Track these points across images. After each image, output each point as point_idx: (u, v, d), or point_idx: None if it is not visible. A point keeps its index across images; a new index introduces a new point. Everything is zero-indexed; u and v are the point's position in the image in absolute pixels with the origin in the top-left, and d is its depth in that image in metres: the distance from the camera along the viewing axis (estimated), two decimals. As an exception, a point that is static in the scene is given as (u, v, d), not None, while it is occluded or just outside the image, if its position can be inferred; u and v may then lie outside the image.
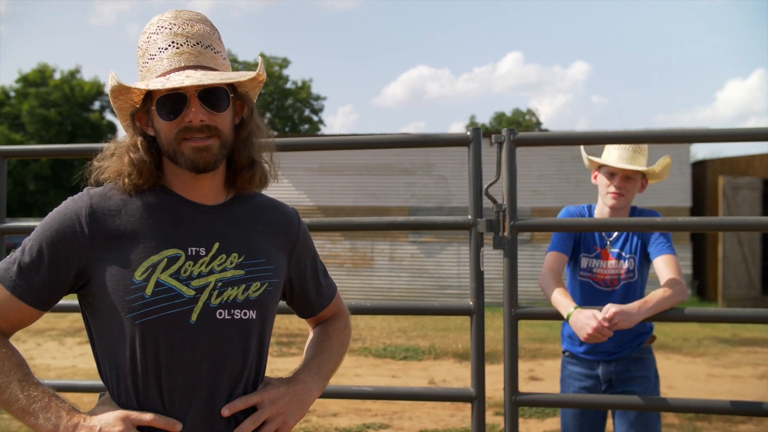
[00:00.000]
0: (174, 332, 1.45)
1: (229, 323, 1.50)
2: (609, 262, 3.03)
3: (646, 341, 3.07)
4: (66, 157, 3.27)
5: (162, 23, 1.52)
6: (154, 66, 1.50)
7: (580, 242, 3.08)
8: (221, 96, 1.51)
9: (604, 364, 3.06)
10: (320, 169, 15.71)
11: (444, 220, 2.90)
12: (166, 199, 1.54)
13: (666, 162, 3.05)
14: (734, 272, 14.69)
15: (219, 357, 1.49)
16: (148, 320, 1.44)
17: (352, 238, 15.72)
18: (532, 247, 14.18)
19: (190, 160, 1.48)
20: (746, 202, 14.72)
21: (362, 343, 10.06)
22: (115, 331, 1.46)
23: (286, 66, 42.45)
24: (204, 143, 1.48)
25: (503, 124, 49.22)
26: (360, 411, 6.40)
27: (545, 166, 14.81)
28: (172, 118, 1.48)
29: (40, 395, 1.42)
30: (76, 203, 1.50)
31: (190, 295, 1.47)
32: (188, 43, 1.50)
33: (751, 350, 9.71)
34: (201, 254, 1.51)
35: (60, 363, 8.56)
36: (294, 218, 1.75)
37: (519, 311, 2.73)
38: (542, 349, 9.49)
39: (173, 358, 1.45)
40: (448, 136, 3.01)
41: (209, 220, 1.56)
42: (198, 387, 1.47)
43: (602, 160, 3.03)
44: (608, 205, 3.03)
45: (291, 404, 1.57)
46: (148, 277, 1.45)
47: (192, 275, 1.48)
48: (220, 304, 1.50)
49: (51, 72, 35.17)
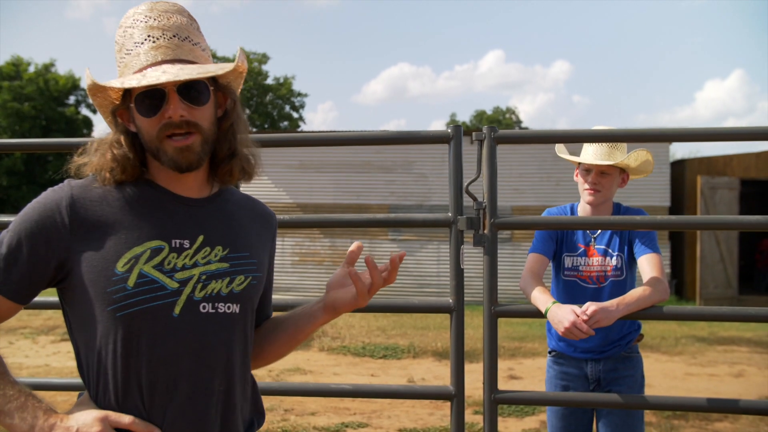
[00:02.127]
0: (156, 325, 1.41)
1: (212, 317, 1.47)
2: (594, 258, 3.02)
3: (634, 339, 3.08)
4: (40, 151, 3.19)
5: (137, 16, 1.48)
6: (130, 61, 1.46)
7: (563, 243, 3.07)
8: (201, 89, 1.47)
9: (593, 363, 3.05)
10: (300, 166, 15.65)
11: (424, 217, 2.88)
12: (149, 191, 1.51)
13: (643, 157, 3.03)
14: (712, 271, 14.85)
15: (202, 351, 1.45)
16: (129, 312, 1.39)
17: (331, 236, 15.69)
18: (512, 246, 14.23)
19: (173, 161, 1.45)
20: (724, 202, 14.89)
21: (341, 341, 10.03)
22: (94, 325, 1.42)
23: (265, 62, 42.22)
24: (186, 142, 1.44)
25: (484, 123, 49.40)
26: (338, 410, 6.37)
27: (526, 165, 14.87)
28: (152, 115, 1.44)
29: (16, 394, 1.37)
30: (57, 193, 1.46)
31: (173, 288, 1.43)
32: (164, 36, 1.46)
33: (727, 349, 9.81)
34: (185, 246, 1.48)
35: (33, 361, 8.44)
36: (273, 219, 1.75)
37: (498, 309, 2.72)
38: (521, 348, 9.52)
39: (155, 352, 1.41)
40: (429, 133, 2.98)
41: (194, 212, 1.53)
42: (179, 382, 1.43)
43: (576, 158, 3.05)
44: (586, 201, 3.04)
45: None
46: (130, 268, 1.41)
47: (176, 267, 1.45)
48: (204, 297, 1.47)
49: (25, 65, 34.67)
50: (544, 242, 3.04)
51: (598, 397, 2.87)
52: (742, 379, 7.87)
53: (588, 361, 3.06)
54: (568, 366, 3.09)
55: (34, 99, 33.07)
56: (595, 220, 2.91)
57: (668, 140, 3.67)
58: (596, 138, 2.95)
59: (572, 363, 3.09)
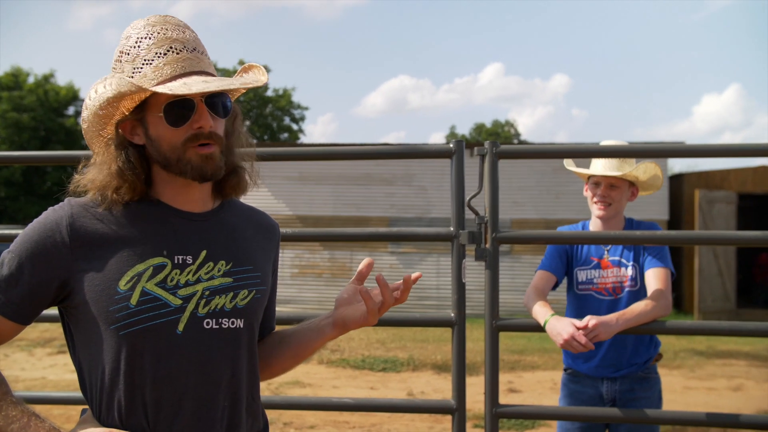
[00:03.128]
0: (160, 343, 1.41)
1: (217, 333, 1.47)
2: (609, 270, 2.98)
3: (653, 358, 3.01)
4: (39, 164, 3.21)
5: (151, 28, 1.47)
6: (151, 72, 1.43)
7: (573, 258, 3.05)
8: (226, 102, 1.50)
9: (609, 381, 2.98)
10: (299, 177, 15.68)
11: (426, 231, 2.89)
12: (150, 206, 1.50)
13: (652, 170, 3.01)
14: (710, 285, 14.85)
15: (206, 368, 1.45)
16: (132, 331, 1.39)
17: (330, 248, 15.68)
18: (511, 259, 14.24)
19: (198, 168, 1.45)
20: (722, 216, 14.91)
21: (340, 354, 10.01)
22: (98, 343, 1.41)
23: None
24: (210, 150, 1.46)
25: (483, 135, 49.47)
26: (338, 423, 6.36)
27: (525, 178, 14.91)
28: (181, 125, 1.44)
29: (18, 415, 1.36)
30: (57, 213, 1.45)
31: (176, 305, 1.43)
32: (186, 48, 1.46)
33: (726, 363, 9.80)
34: (188, 262, 1.47)
35: (29, 374, 8.41)
36: (277, 230, 1.74)
37: (500, 323, 2.73)
38: (521, 362, 9.51)
39: (159, 370, 1.41)
40: (431, 147, 3.00)
41: (196, 227, 1.52)
42: (184, 399, 1.42)
43: (586, 171, 3.04)
44: (596, 216, 3.03)
45: None
46: (133, 286, 1.40)
47: (179, 284, 1.44)
48: (208, 313, 1.46)
49: (25, 76, 34.72)
50: (552, 259, 3.03)
51: (602, 412, 2.87)
52: (740, 393, 7.86)
53: (604, 380, 2.99)
54: (584, 385, 3.03)
55: (33, 110, 33.06)
56: (597, 235, 2.91)
57: (669, 156, 3.70)
58: (599, 153, 2.97)
59: (587, 382, 3.02)
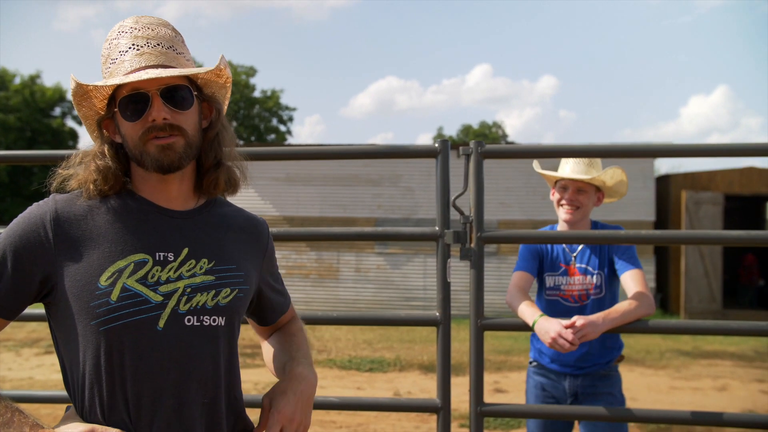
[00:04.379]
0: (140, 339, 1.41)
1: (197, 330, 1.47)
2: (575, 277, 3.05)
3: (615, 359, 3.10)
4: (25, 163, 3.19)
5: (123, 28, 1.51)
6: (115, 69, 1.48)
7: (544, 263, 3.11)
8: (185, 94, 1.49)
9: (571, 377, 3.08)
10: (286, 178, 15.65)
11: (411, 231, 2.89)
12: (133, 203, 1.52)
13: (618, 176, 3.07)
14: (696, 286, 14.95)
15: (187, 364, 1.45)
16: (113, 326, 1.39)
17: (317, 249, 15.66)
18: (498, 259, 14.27)
19: (156, 159, 1.46)
20: (708, 217, 15.01)
21: (327, 354, 10.00)
22: (79, 339, 1.42)
23: (252, 75, 42.24)
24: (168, 141, 1.46)
25: (470, 136, 49.54)
26: (324, 423, 6.35)
27: (512, 179, 14.94)
28: (136, 119, 1.46)
29: (2, 410, 1.37)
30: (41, 208, 1.46)
31: (157, 301, 1.43)
32: (149, 44, 1.49)
33: (711, 363, 9.86)
34: (169, 259, 1.48)
35: (16, 374, 8.36)
36: (264, 228, 1.74)
37: (485, 322, 2.73)
38: (507, 362, 9.53)
39: (140, 366, 1.41)
40: (417, 147, 3.01)
41: (178, 225, 1.53)
42: (164, 395, 1.43)
43: (556, 174, 3.08)
44: (563, 219, 3.07)
45: (304, 408, 1.56)
46: (113, 282, 1.41)
47: (160, 281, 1.45)
48: (189, 310, 1.46)
49: (11, 77, 34.53)
50: (528, 260, 3.09)
51: (585, 410, 2.88)
52: (725, 393, 7.92)
53: (567, 375, 3.09)
54: (547, 378, 3.14)
55: (19, 110, 32.88)
56: (584, 234, 2.92)
57: (654, 156, 3.71)
58: (582, 153, 2.98)
59: (551, 375, 3.13)
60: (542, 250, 3.12)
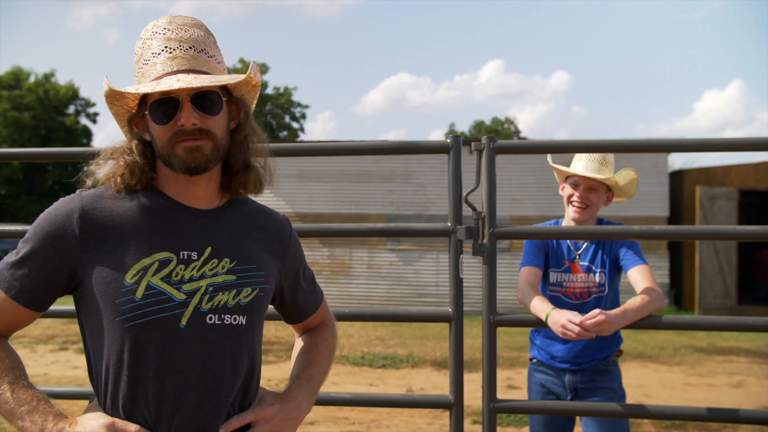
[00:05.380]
0: (163, 336, 1.44)
1: (219, 328, 1.50)
2: (578, 275, 3.05)
3: (613, 354, 3.11)
4: (40, 161, 3.21)
5: (156, 29, 1.53)
6: (147, 71, 1.50)
7: (548, 258, 3.10)
8: (214, 100, 1.51)
9: (570, 373, 3.11)
10: (299, 175, 15.67)
11: (423, 227, 2.89)
12: (159, 202, 1.54)
13: (631, 176, 3.05)
14: (710, 282, 14.85)
15: (208, 362, 1.48)
16: (137, 323, 1.43)
17: (330, 246, 15.69)
18: (511, 256, 14.23)
19: (183, 161, 1.48)
20: (723, 212, 14.90)
21: (340, 351, 10.02)
22: (104, 334, 1.45)
23: (265, 72, 42.35)
24: (196, 143, 1.48)
25: (482, 133, 49.45)
26: (337, 419, 6.36)
27: (525, 175, 14.89)
28: (165, 122, 1.48)
29: (28, 398, 1.44)
30: (68, 204, 1.49)
31: (180, 299, 1.46)
32: (181, 47, 1.50)
33: (726, 359, 9.80)
34: (193, 258, 1.50)
35: (31, 371, 8.37)
36: (286, 226, 1.77)
37: (497, 318, 2.73)
38: (520, 358, 9.50)
39: (162, 363, 1.44)
40: (428, 143, 3.00)
41: (202, 224, 1.55)
42: (185, 392, 1.46)
43: (569, 170, 3.05)
44: (571, 218, 3.05)
45: (284, 423, 1.58)
46: (138, 280, 1.44)
47: (183, 279, 1.48)
48: (211, 308, 1.49)
49: (25, 75, 34.77)
50: (535, 255, 3.07)
51: (595, 407, 2.88)
52: (741, 390, 7.87)
53: (566, 371, 3.12)
54: (547, 374, 3.17)
55: (33, 108, 33.13)
56: (595, 230, 2.91)
57: (667, 150, 3.69)
58: (594, 148, 2.96)
59: (551, 371, 3.16)
60: (548, 244, 3.11)
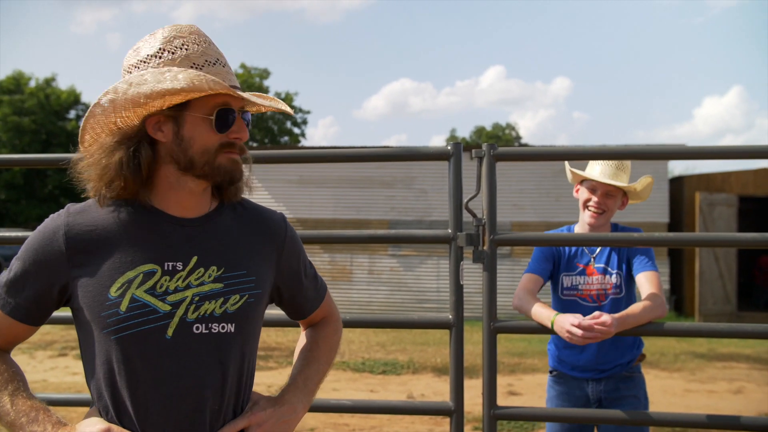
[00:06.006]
0: (149, 348, 1.45)
1: (206, 337, 1.50)
2: (594, 277, 3.02)
3: (636, 359, 3.06)
4: (40, 167, 3.22)
5: (201, 37, 1.53)
6: (216, 72, 1.49)
7: (560, 263, 3.06)
8: (250, 118, 1.60)
9: (594, 382, 3.04)
10: (299, 181, 15.69)
11: (424, 233, 2.89)
12: (143, 213, 1.53)
13: (647, 181, 3.05)
14: (710, 288, 14.84)
15: (197, 372, 1.48)
16: (123, 335, 1.44)
17: (330, 251, 15.69)
18: (511, 262, 14.24)
19: (228, 172, 1.52)
20: (722, 218, 14.91)
21: (340, 357, 10.01)
22: (93, 346, 1.49)
23: (266, 77, 42.42)
24: (239, 155, 1.56)
25: (483, 138, 49.44)
26: (338, 426, 6.35)
27: (525, 181, 14.90)
28: (224, 131, 1.51)
29: (27, 409, 1.46)
30: (54, 222, 1.52)
31: (165, 311, 1.47)
32: (227, 64, 1.56)
33: (726, 365, 9.79)
34: (178, 269, 1.50)
35: (30, 377, 8.37)
36: (280, 224, 1.74)
37: (498, 325, 2.73)
38: (521, 364, 9.50)
39: (149, 374, 1.45)
40: (429, 149, 3.01)
41: (188, 233, 1.54)
42: (174, 402, 1.46)
43: (586, 174, 3.03)
44: (587, 222, 3.03)
45: (277, 427, 1.59)
46: (123, 293, 1.45)
47: (168, 290, 1.48)
48: (197, 318, 1.49)
49: (26, 79, 34.81)
50: (540, 263, 3.05)
51: (598, 413, 2.88)
52: (741, 396, 7.85)
53: (589, 380, 3.04)
54: (569, 386, 3.08)
55: (34, 113, 33.13)
56: (595, 236, 2.92)
57: (669, 158, 3.69)
58: (596, 155, 2.97)
59: (573, 383, 3.08)
60: (558, 250, 3.07)
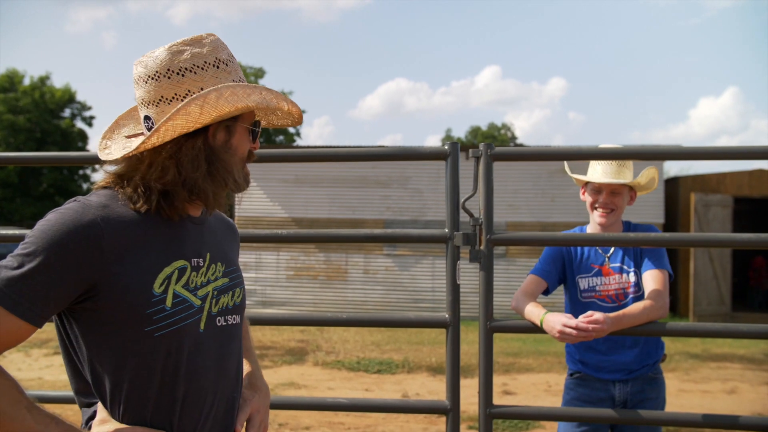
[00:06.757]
0: (189, 342, 1.49)
1: (225, 329, 1.58)
2: (611, 277, 2.98)
3: (660, 359, 3.02)
4: (35, 165, 3.21)
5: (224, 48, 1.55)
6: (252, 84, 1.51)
7: (572, 266, 3.03)
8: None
9: (621, 384, 2.98)
10: (295, 180, 15.67)
11: (421, 233, 2.90)
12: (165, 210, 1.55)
13: (651, 173, 3.02)
14: (705, 288, 14.89)
15: (221, 362, 1.55)
16: (168, 331, 1.45)
17: (326, 251, 15.68)
18: (506, 262, 14.25)
19: (246, 183, 1.60)
20: (717, 219, 14.95)
21: (336, 356, 10.01)
22: (125, 344, 1.42)
23: (261, 76, 42.31)
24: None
25: (478, 138, 49.43)
26: (333, 424, 6.36)
27: (521, 181, 14.90)
28: (254, 141, 1.61)
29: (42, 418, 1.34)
30: (83, 216, 1.39)
31: (198, 305, 1.52)
32: None
33: (720, 365, 9.82)
34: (200, 264, 1.56)
35: (26, 375, 8.40)
36: (237, 229, 1.87)
37: (494, 324, 2.74)
38: (516, 364, 9.52)
39: (188, 367, 1.49)
40: (426, 149, 3.01)
41: (200, 231, 1.61)
42: (205, 394, 1.52)
43: (588, 178, 3.02)
44: (597, 223, 3.00)
45: (266, 411, 1.73)
46: (165, 288, 1.46)
47: (197, 285, 1.53)
48: (218, 311, 1.57)
49: (20, 78, 34.69)
50: (545, 264, 3.02)
51: (593, 413, 2.88)
52: (735, 396, 7.88)
53: (616, 382, 2.98)
54: (593, 388, 3.01)
55: (29, 111, 33.02)
56: (590, 236, 2.90)
57: (664, 158, 3.71)
58: (592, 156, 2.97)
59: (597, 385, 3.01)
60: (567, 252, 3.04)
